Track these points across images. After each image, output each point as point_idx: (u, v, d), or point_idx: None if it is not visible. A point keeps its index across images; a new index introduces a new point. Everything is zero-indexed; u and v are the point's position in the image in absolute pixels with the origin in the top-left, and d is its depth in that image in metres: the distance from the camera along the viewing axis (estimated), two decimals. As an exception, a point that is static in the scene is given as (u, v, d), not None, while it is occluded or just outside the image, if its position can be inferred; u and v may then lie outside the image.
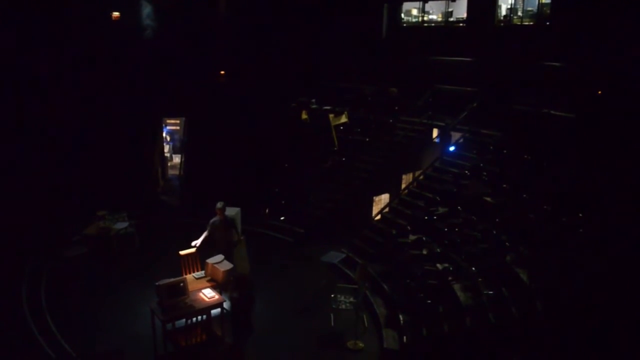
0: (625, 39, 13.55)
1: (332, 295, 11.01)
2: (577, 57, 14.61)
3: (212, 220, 11.54)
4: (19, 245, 12.93)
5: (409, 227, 13.25)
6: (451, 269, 11.01)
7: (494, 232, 11.33)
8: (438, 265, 11.29)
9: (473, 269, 10.60)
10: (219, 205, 11.58)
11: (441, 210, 13.25)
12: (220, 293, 10.36)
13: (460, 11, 19.24)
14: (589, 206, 10.41)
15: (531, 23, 17.31)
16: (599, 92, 13.94)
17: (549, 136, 13.22)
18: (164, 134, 21.22)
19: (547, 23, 16.56)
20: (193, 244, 11.29)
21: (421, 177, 15.43)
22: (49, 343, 9.78)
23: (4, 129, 15.36)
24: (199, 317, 9.72)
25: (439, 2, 19.91)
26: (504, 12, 17.99)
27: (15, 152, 15.35)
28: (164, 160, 20.52)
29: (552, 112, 13.76)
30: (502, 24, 18.00)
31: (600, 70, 13.85)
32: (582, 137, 12.37)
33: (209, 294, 10.05)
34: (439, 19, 20.23)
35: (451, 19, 19.64)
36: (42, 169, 15.35)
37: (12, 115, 15.73)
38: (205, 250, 11.25)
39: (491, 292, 9.85)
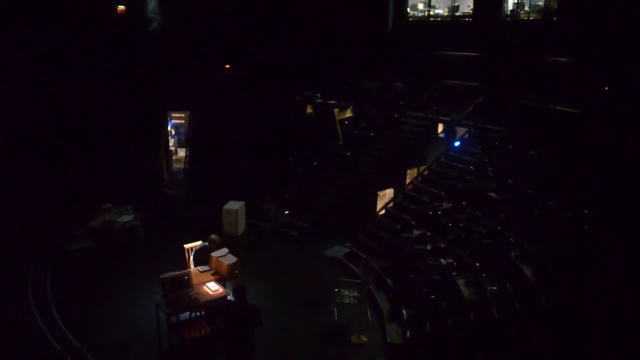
0: (632, 35, 13.45)
1: (336, 290, 11.02)
2: (584, 53, 14.52)
3: (197, 249, 11.15)
4: (24, 238, 12.99)
5: (413, 222, 13.23)
6: (455, 264, 10.99)
7: (499, 227, 11.30)
8: (442, 260, 11.27)
9: (477, 264, 10.59)
10: (215, 238, 11.20)
11: (446, 205, 13.22)
12: (224, 286, 10.40)
13: (467, 5, 19.16)
14: (595, 203, 10.37)
15: (538, 18, 17.22)
16: (606, 88, 13.87)
17: (554, 132, 13.17)
18: (168, 128, 21.25)
19: (554, 18, 16.47)
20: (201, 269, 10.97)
21: (426, 172, 15.41)
22: (54, 335, 9.85)
23: (9, 123, 15.41)
24: (203, 310, 9.76)
25: (445, -4, 19.88)
26: (510, 7, 17.90)
27: (21, 145, 15.41)
28: (169, 153, 20.55)
29: (558, 107, 13.71)
30: (508, 19, 17.91)
31: (607, 65, 13.77)
32: (588, 133, 12.31)
33: (213, 287, 10.09)
34: (445, 14, 20.16)
35: (457, 14, 19.56)
36: (47, 163, 15.41)
37: (18, 108, 15.78)
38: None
39: (495, 288, 9.83)
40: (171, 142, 21.45)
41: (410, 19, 20.73)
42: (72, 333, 9.95)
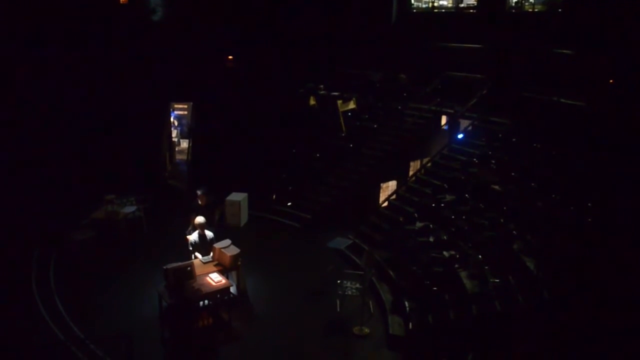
0: (637, 27, 13.36)
1: (339, 281, 11.04)
2: (589, 45, 14.43)
3: (192, 240, 11.04)
4: (28, 229, 13.03)
5: (416, 214, 13.22)
6: (458, 256, 10.99)
7: (502, 220, 11.29)
8: (445, 252, 11.27)
9: (480, 256, 10.58)
10: (200, 221, 10.97)
11: (449, 197, 13.21)
12: (227, 277, 10.43)
13: (471, -3, 19.06)
14: (598, 195, 10.35)
15: (543, 9, 17.11)
16: (611, 81, 13.80)
17: (558, 124, 13.12)
18: (171, 119, 21.24)
19: (559, 10, 16.36)
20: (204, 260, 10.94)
21: (429, 164, 15.38)
22: (58, 325, 9.90)
23: (13, 114, 15.43)
24: (206, 301, 9.79)
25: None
26: (515, -2, 17.81)
27: (25, 137, 15.42)
28: (172, 145, 20.57)
29: (562, 100, 13.63)
30: (513, 10, 17.81)
31: (612, 58, 13.69)
32: (592, 126, 12.26)
33: (215, 279, 10.11)
34: (449, 5, 20.00)
35: (462, 5, 19.42)
36: (51, 154, 15.42)
37: (22, 100, 15.79)
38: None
39: (497, 281, 9.84)
40: (174, 133, 21.46)
41: (415, 10, 20.60)
42: (75, 323, 10.01)
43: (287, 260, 13.24)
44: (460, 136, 15.49)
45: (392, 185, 16.62)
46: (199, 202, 11.63)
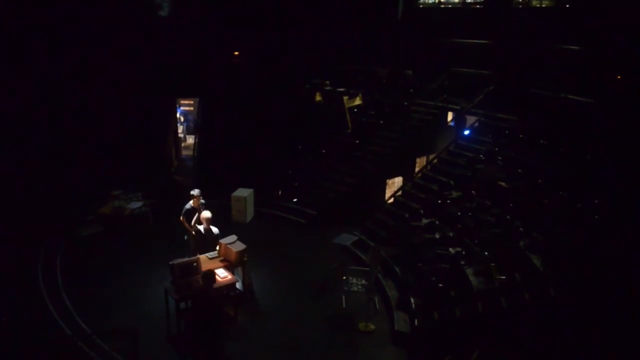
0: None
1: (344, 278, 11.05)
2: (597, 41, 14.34)
3: (201, 228, 11.02)
4: (35, 224, 13.08)
5: (422, 211, 13.21)
6: (464, 253, 10.97)
7: (508, 217, 11.25)
8: (450, 249, 11.25)
9: (486, 253, 10.56)
10: (207, 215, 10.95)
11: (455, 194, 13.18)
12: (233, 273, 10.44)
13: (478, -8, 18.97)
14: (605, 192, 10.29)
15: (550, 5, 17.01)
16: (618, 77, 13.71)
17: (565, 121, 13.05)
18: (177, 115, 21.25)
19: (567, 5, 16.26)
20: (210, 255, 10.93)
21: (435, 160, 15.34)
22: (64, 320, 9.95)
23: (20, 110, 15.46)
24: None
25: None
26: (522, -6, 17.72)
27: (31, 132, 15.46)
28: (178, 140, 20.58)
29: (569, 96, 13.56)
30: (520, 6, 17.72)
31: (620, 54, 13.60)
32: (600, 122, 12.18)
33: (221, 274, 10.13)
34: (456, 0, 19.93)
35: (468, 0, 19.34)
36: (57, 149, 15.46)
37: (27, 95, 15.82)
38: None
39: (504, 278, 9.81)
40: (180, 129, 21.46)
41: (421, 6, 20.53)
42: (82, 318, 10.06)
43: (293, 256, 13.26)
44: (466, 132, 15.44)
45: (398, 181, 16.59)
46: (192, 204, 11.40)
